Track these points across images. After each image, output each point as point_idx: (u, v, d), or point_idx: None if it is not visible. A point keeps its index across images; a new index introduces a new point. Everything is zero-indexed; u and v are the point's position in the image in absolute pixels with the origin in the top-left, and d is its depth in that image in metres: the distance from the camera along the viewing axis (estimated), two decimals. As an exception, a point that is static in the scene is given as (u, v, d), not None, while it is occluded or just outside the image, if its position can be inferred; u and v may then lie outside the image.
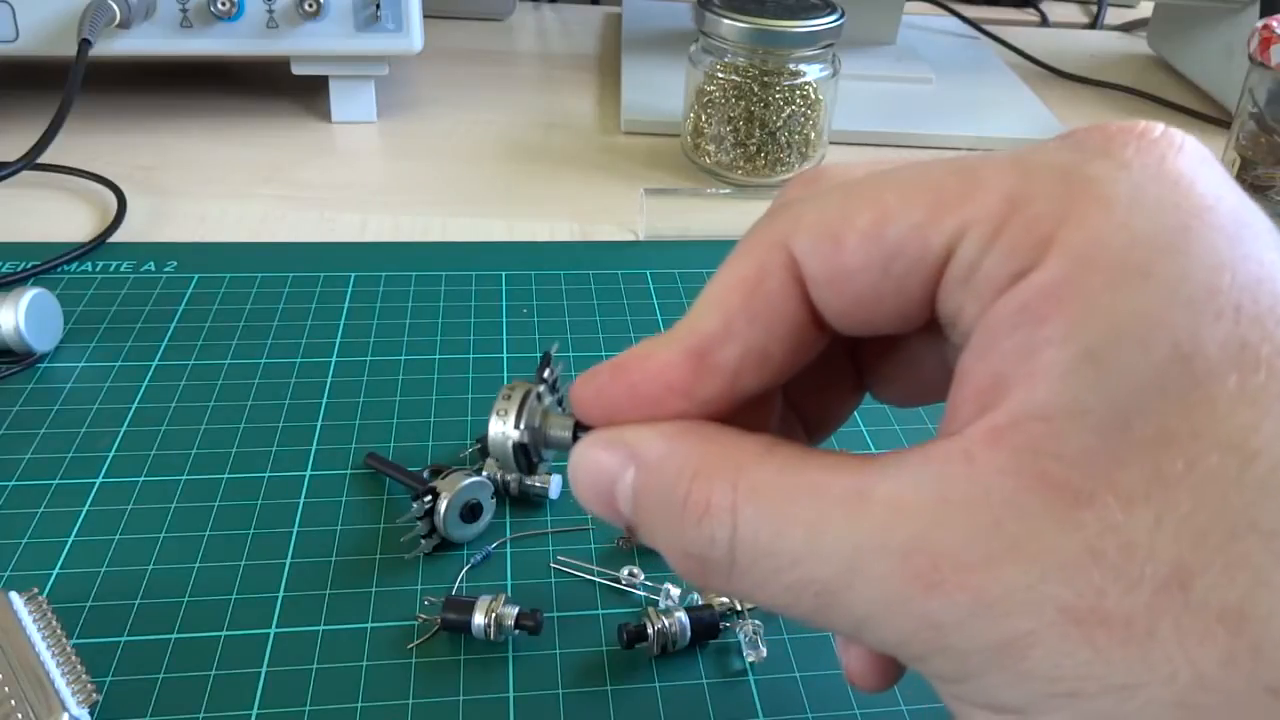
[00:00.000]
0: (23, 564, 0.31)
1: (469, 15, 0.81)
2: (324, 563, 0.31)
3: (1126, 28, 0.92)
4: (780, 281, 0.17)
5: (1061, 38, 0.89)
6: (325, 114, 0.62)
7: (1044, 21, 0.95)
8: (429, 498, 0.31)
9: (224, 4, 0.53)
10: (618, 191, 0.56)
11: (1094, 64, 0.80)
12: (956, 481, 0.15)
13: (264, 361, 0.40)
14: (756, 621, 0.30)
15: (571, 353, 0.42)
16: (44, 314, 0.39)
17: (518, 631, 0.29)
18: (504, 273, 0.47)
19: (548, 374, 0.25)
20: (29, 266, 0.45)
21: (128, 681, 0.27)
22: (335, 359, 0.40)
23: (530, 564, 0.32)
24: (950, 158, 0.17)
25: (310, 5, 0.54)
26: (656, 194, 0.51)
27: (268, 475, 0.35)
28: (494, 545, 0.32)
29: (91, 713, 0.26)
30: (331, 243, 0.49)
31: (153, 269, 0.46)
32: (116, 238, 0.48)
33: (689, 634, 0.29)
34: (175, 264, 0.46)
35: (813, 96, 0.54)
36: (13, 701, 0.25)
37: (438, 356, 0.41)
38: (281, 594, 0.30)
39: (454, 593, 0.31)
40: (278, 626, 0.29)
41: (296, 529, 0.33)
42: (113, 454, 0.35)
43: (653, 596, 0.31)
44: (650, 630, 0.29)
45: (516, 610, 0.29)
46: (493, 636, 0.29)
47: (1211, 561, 0.14)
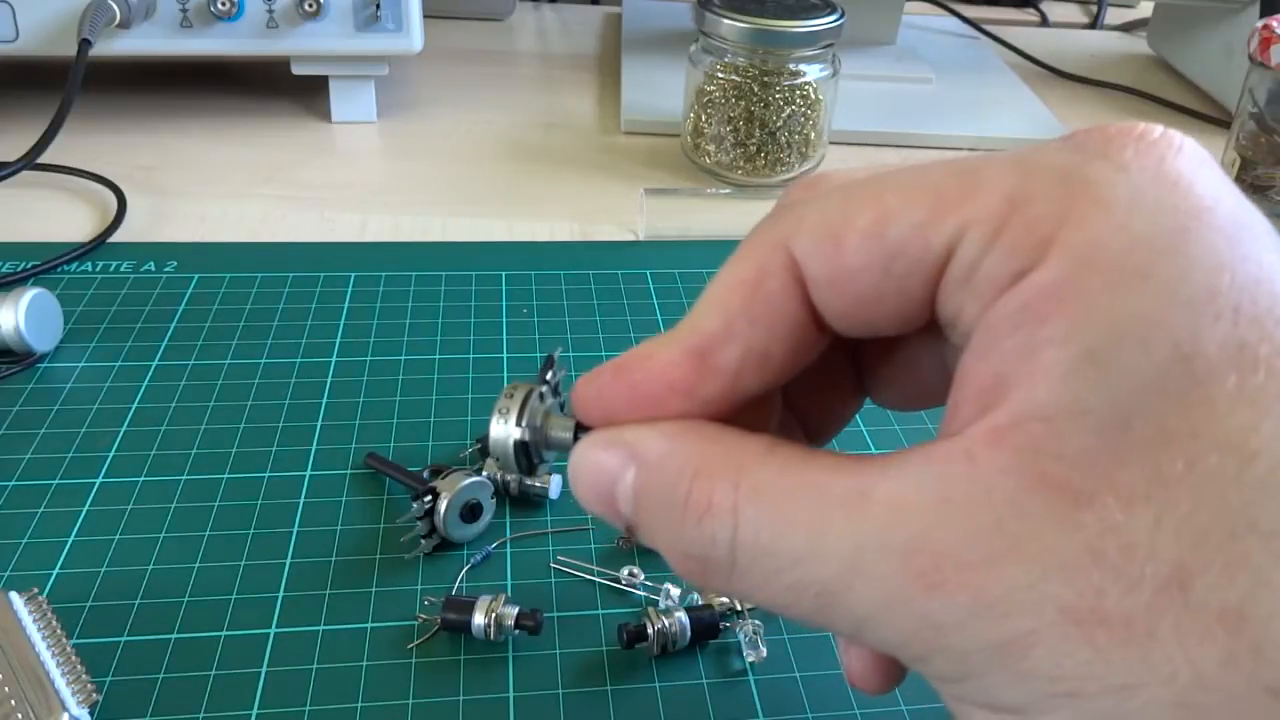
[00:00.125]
0: (23, 564, 0.31)
1: (469, 15, 0.81)
2: (324, 563, 0.31)
3: (1126, 28, 0.92)
4: (781, 282, 0.17)
5: (1061, 38, 0.89)
6: (325, 114, 0.62)
7: (1044, 21, 0.95)
8: (429, 498, 0.31)
9: (224, 4, 0.53)
10: (618, 191, 0.56)
11: (1094, 64, 0.80)
12: (958, 481, 0.15)
13: (264, 361, 0.40)
14: (756, 621, 0.30)
15: (571, 353, 0.42)
16: (44, 314, 0.39)
17: (518, 631, 0.29)
18: (504, 273, 0.47)
19: (550, 376, 0.25)
20: (29, 266, 0.45)
21: (128, 681, 0.28)
22: (335, 359, 0.40)
23: (530, 564, 0.32)
24: (951, 159, 0.17)
25: (310, 5, 0.54)
26: (656, 194, 0.51)
27: (268, 475, 0.35)
28: (494, 545, 0.32)
29: (91, 713, 0.26)
30: (331, 243, 0.49)
31: (153, 269, 0.46)
32: (116, 238, 0.48)
33: (689, 634, 0.29)
34: (175, 264, 0.46)
35: (813, 96, 0.54)
36: (13, 701, 0.25)
37: (438, 356, 0.41)
38: (281, 594, 0.30)
39: (454, 593, 0.31)
40: (278, 626, 0.29)
41: (296, 529, 0.33)
42: (113, 454, 0.35)
43: (653, 596, 0.31)
44: (650, 630, 0.29)
45: (516, 610, 0.29)
46: (493, 636, 0.29)
47: (1211, 562, 0.14)
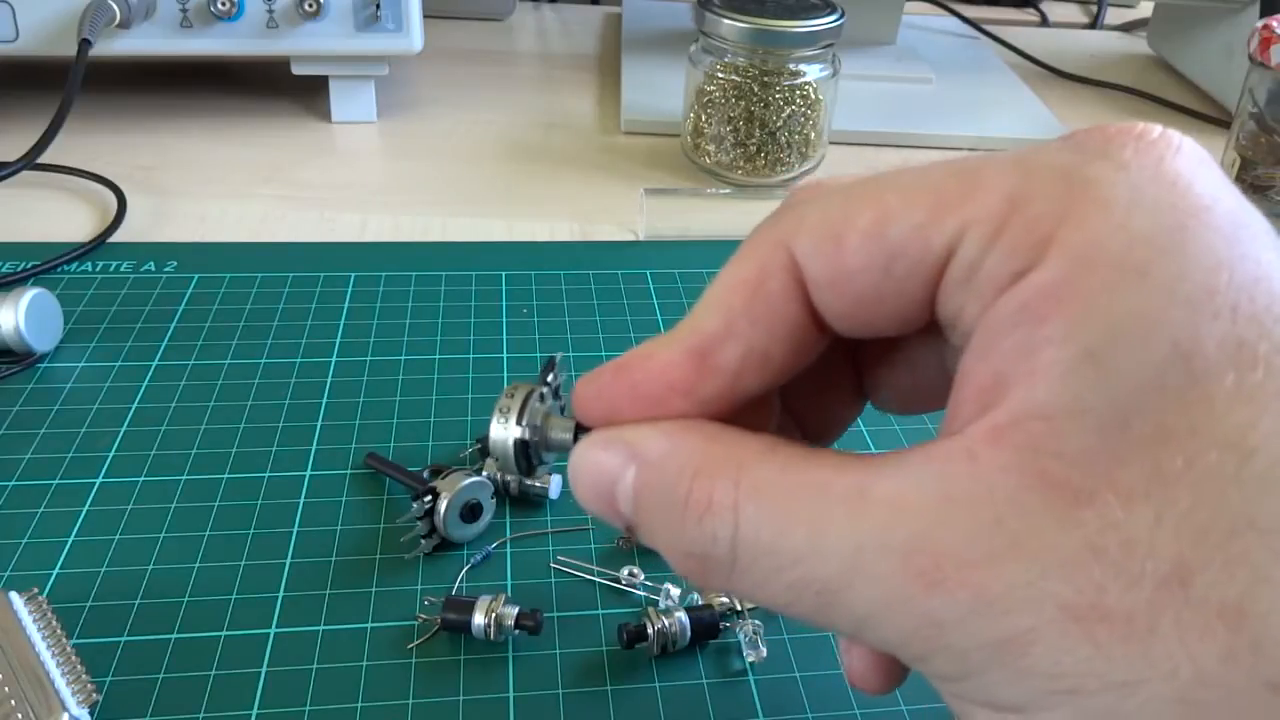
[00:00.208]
0: (23, 564, 0.31)
1: (469, 15, 0.81)
2: (324, 563, 0.31)
3: (1126, 28, 0.92)
4: (781, 283, 0.17)
5: (1061, 38, 0.89)
6: (325, 114, 0.62)
7: (1044, 21, 0.95)
8: (429, 498, 0.31)
9: (224, 4, 0.53)
10: (618, 191, 0.56)
11: (1094, 64, 0.80)
12: (958, 480, 0.15)
13: (264, 361, 0.40)
14: (756, 621, 0.30)
15: (571, 353, 0.42)
16: (44, 314, 0.39)
17: (518, 631, 0.29)
18: (504, 273, 0.47)
19: (551, 379, 0.25)
20: (29, 266, 0.45)
21: (128, 681, 0.28)
22: (335, 359, 0.40)
23: (530, 564, 0.32)
24: (951, 160, 0.17)
25: (310, 5, 0.54)
26: (656, 194, 0.51)
27: (268, 475, 0.35)
28: (494, 545, 0.32)
29: (91, 713, 0.26)
30: (331, 243, 0.49)
31: (153, 269, 0.46)
32: (116, 238, 0.48)
33: (689, 634, 0.29)
34: (175, 264, 0.46)
35: (813, 96, 0.54)
36: (13, 701, 0.25)
37: (438, 356, 0.41)
38: (281, 594, 0.30)
39: (454, 593, 0.31)
40: (278, 626, 0.29)
41: (296, 529, 0.33)
42: (113, 454, 0.35)
43: (653, 596, 0.31)
44: (650, 630, 0.29)
45: (516, 610, 0.29)
46: (493, 636, 0.29)
47: (1211, 558, 0.14)
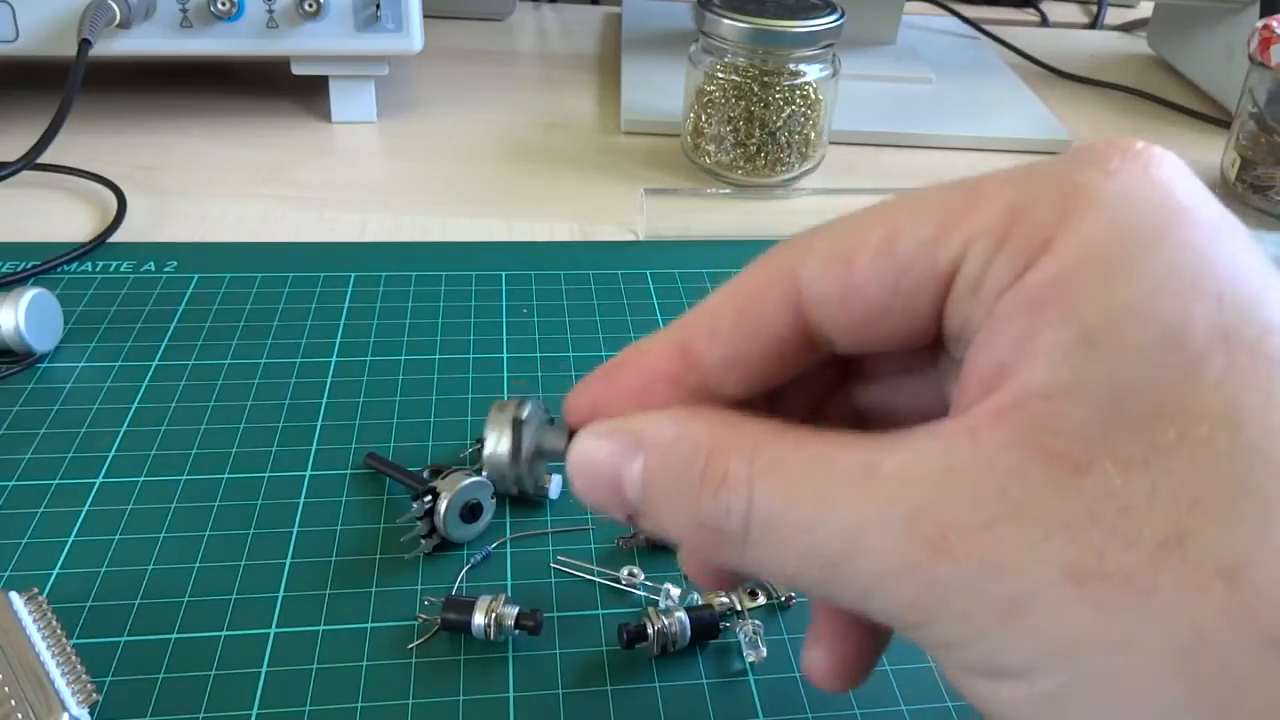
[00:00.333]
0: (23, 564, 0.31)
1: (469, 15, 0.81)
2: (324, 563, 0.31)
3: (1126, 28, 0.92)
4: (777, 296, 0.19)
5: (1061, 38, 0.89)
6: (325, 114, 0.62)
7: (1044, 21, 0.95)
8: (429, 498, 0.31)
9: (224, 4, 0.53)
10: (618, 191, 0.56)
11: (1094, 64, 0.80)
12: (961, 454, 0.16)
13: (264, 361, 0.40)
14: (756, 622, 0.30)
15: (571, 353, 0.42)
16: (44, 314, 0.39)
17: (518, 631, 0.29)
18: (504, 273, 0.47)
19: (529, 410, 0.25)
20: (29, 266, 0.45)
21: (128, 681, 0.28)
22: (335, 359, 0.40)
23: (530, 564, 0.32)
24: (953, 180, 0.18)
25: (310, 5, 0.54)
26: (656, 194, 0.51)
27: (268, 475, 0.35)
28: (494, 545, 0.32)
29: (91, 713, 0.26)
30: (331, 243, 0.49)
31: (153, 269, 0.46)
32: (116, 238, 0.48)
33: (689, 634, 0.29)
34: (175, 264, 0.46)
35: (813, 96, 0.54)
36: (13, 701, 0.25)
37: (438, 356, 0.41)
38: (281, 594, 0.30)
39: (454, 593, 0.31)
40: (278, 626, 0.29)
41: (296, 529, 0.33)
42: (113, 454, 0.35)
43: (653, 596, 0.31)
44: (650, 630, 0.29)
45: (516, 610, 0.29)
46: (493, 636, 0.29)
47: (1207, 522, 0.14)
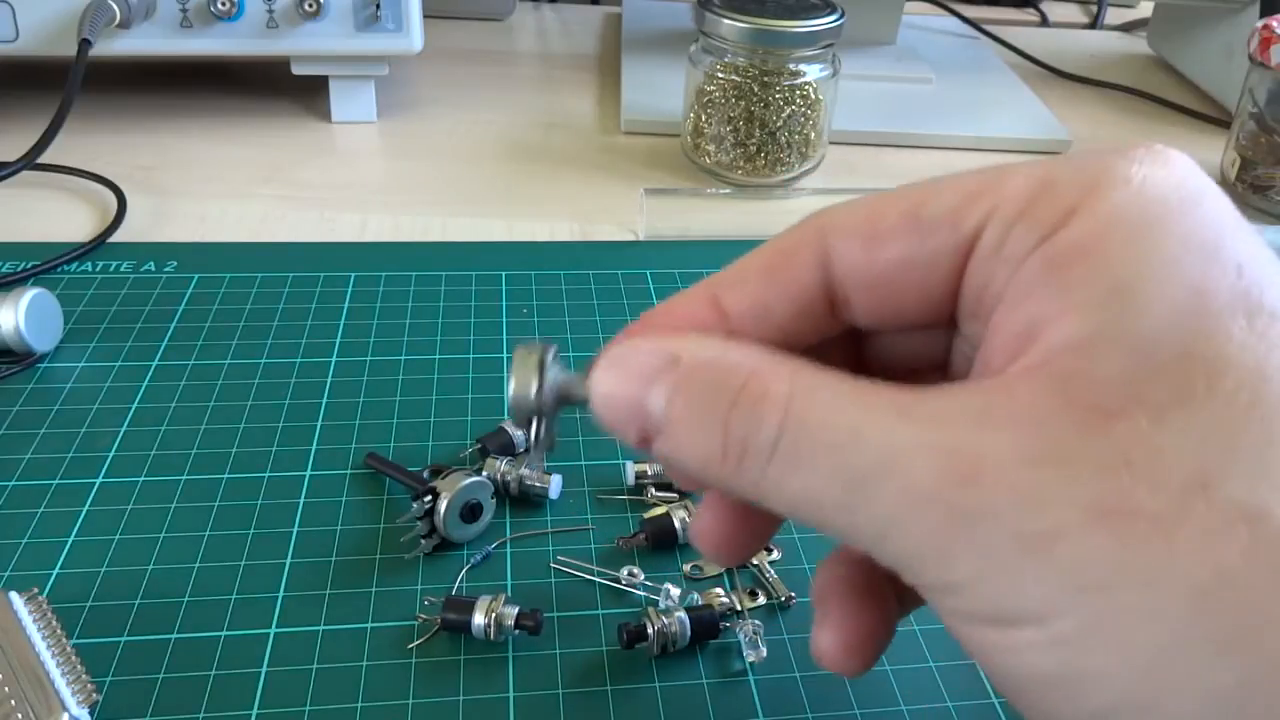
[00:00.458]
0: (23, 564, 0.31)
1: (469, 15, 0.81)
2: (324, 563, 0.31)
3: (1126, 28, 0.92)
4: (807, 255, 0.20)
5: (1061, 38, 0.89)
6: (325, 114, 0.62)
7: (1044, 21, 0.95)
8: (429, 498, 0.31)
9: (224, 4, 0.53)
10: (618, 191, 0.56)
11: (1094, 64, 0.80)
12: (997, 402, 0.16)
13: (264, 361, 0.40)
14: (756, 622, 0.30)
15: (572, 353, 0.42)
16: (44, 314, 0.39)
17: (518, 631, 0.29)
18: (504, 273, 0.47)
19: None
20: (29, 266, 0.45)
21: (128, 681, 0.28)
22: (335, 359, 0.40)
23: (530, 564, 0.32)
24: (982, 166, 0.19)
25: (310, 5, 0.54)
26: (656, 194, 0.51)
27: (268, 475, 0.35)
28: (494, 545, 0.32)
29: (91, 713, 0.26)
30: (331, 243, 0.49)
31: (153, 269, 0.46)
32: (116, 238, 0.48)
33: (689, 634, 0.29)
34: (175, 264, 0.46)
35: (813, 96, 0.54)
36: (13, 701, 0.25)
37: (438, 356, 0.41)
38: (281, 594, 0.30)
39: (454, 593, 0.31)
40: (278, 626, 0.29)
41: (296, 529, 0.33)
42: (113, 454, 0.35)
43: (653, 596, 0.31)
44: (650, 630, 0.29)
45: (516, 610, 0.29)
46: (493, 636, 0.29)
47: (1233, 470, 0.15)
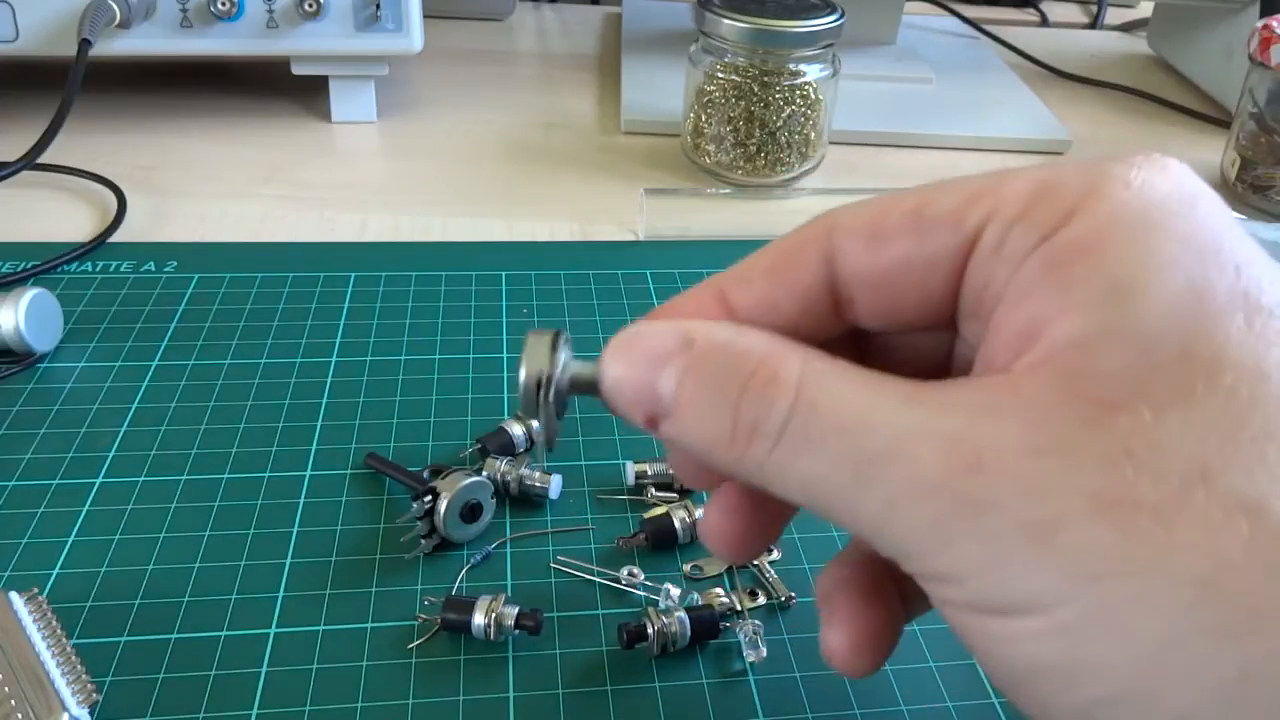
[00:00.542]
0: (23, 564, 0.31)
1: (469, 15, 0.81)
2: (324, 563, 0.31)
3: (1126, 28, 0.92)
4: (812, 252, 0.20)
5: (1061, 38, 0.89)
6: (325, 114, 0.62)
7: (1044, 21, 0.95)
8: (429, 498, 0.31)
9: (224, 4, 0.53)
10: (618, 191, 0.56)
11: (1094, 64, 0.80)
12: (1002, 395, 0.17)
13: (264, 361, 0.40)
14: (756, 622, 0.30)
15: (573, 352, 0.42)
16: (44, 314, 0.39)
17: (518, 631, 0.29)
18: (504, 273, 0.47)
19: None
20: (29, 266, 0.45)
21: (128, 681, 0.28)
22: (335, 359, 0.40)
23: (530, 564, 0.32)
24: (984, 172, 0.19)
25: (310, 5, 0.54)
26: (656, 194, 0.51)
27: (268, 475, 0.35)
28: (494, 545, 0.32)
29: (91, 713, 0.26)
30: (331, 243, 0.49)
31: (153, 269, 0.46)
32: (116, 238, 0.48)
33: (689, 634, 0.29)
34: (175, 264, 0.46)
35: (813, 96, 0.54)
36: (13, 701, 0.25)
37: (438, 356, 0.41)
38: (281, 594, 0.30)
39: (454, 593, 0.31)
40: (278, 626, 0.29)
41: (296, 529, 0.33)
42: (113, 454, 0.35)
43: (653, 596, 0.31)
44: (650, 630, 0.29)
45: (516, 610, 0.29)
46: (493, 636, 0.29)
47: (1234, 463, 0.15)
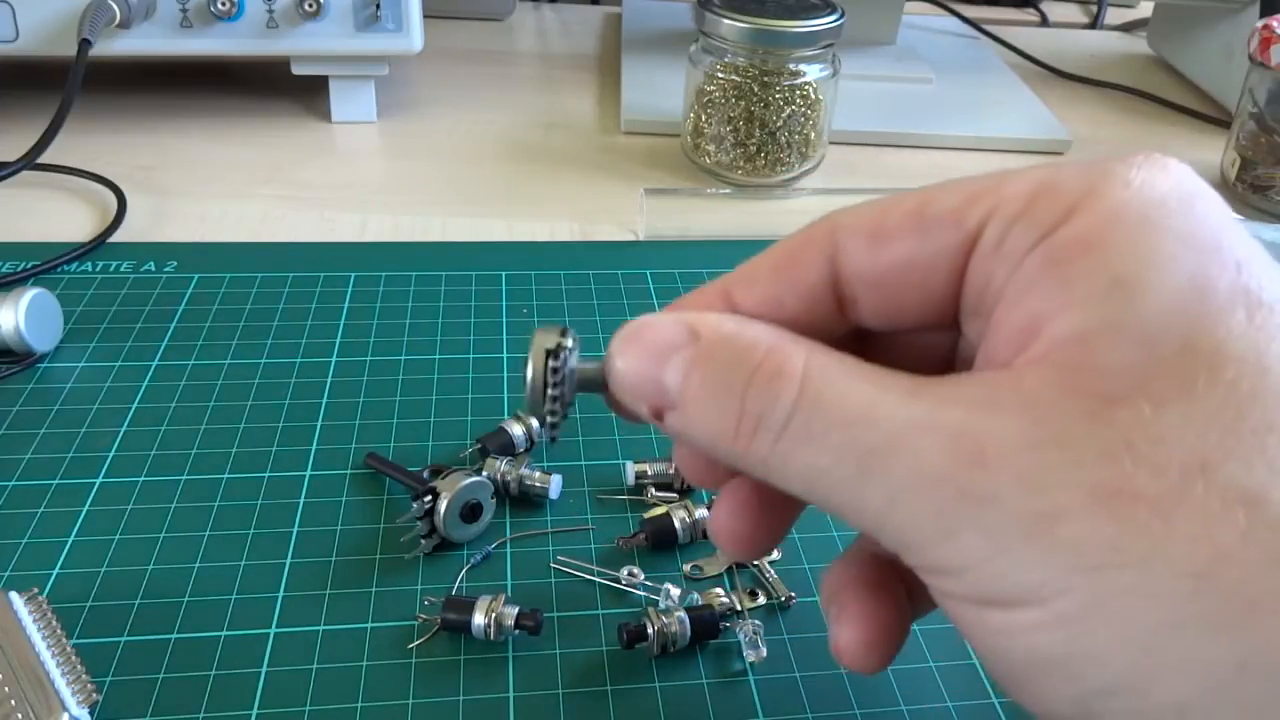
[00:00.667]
0: (23, 564, 0.31)
1: (469, 15, 0.81)
2: (324, 563, 0.31)
3: (1126, 28, 0.92)
4: (815, 251, 0.20)
5: (1061, 38, 0.89)
6: (325, 114, 0.62)
7: (1044, 21, 0.95)
8: (429, 498, 0.31)
9: (224, 4, 0.53)
10: (618, 191, 0.56)
11: (1094, 64, 0.80)
12: (1004, 390, 0.17)
13: (264, 361, 0.40)
14: (756, 622, 0.30)
15: (571, 353, 0.42)
16: (44, 314, 0.39)
17: (518, 631, 0.29)
18: (504, 273, 0.47)
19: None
20: (29, 266, 0.45)
21: (128, 681, 0.28)
22: (335, 359, 0.40)
23: (530, 564, 0.32)
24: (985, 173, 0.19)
25: (310, 5, 0.54)
26: (656, 194, 0.51)
27: (268, 475, 0.35)
28: (494, 545, 0.32)
29: (91, 713, 0.26)
30: (331, 243, 0.49)
31: (153, 269, 0.46)
32: (116, 238, 0.48)
33: (689, 634, 0.29)
34: (175, 264, 0.46)
35: (813, 96, 0.54)
36: (13, 701, 0.25)
37: (438, 356, 0.41)
38: (281, 594, 0.30)
39: (454, 593, 0.31)
40: (278, 626, 0.29)
41: (296, 529, 0.33)
42: (113, 454, 0.35)
43: (653, 596, 0.31)
44: (650, 630, 0.29)
45: (516, 610, 0.29)
46: (493, 636, 0.29)
47: (1232, 456, 0.15)
